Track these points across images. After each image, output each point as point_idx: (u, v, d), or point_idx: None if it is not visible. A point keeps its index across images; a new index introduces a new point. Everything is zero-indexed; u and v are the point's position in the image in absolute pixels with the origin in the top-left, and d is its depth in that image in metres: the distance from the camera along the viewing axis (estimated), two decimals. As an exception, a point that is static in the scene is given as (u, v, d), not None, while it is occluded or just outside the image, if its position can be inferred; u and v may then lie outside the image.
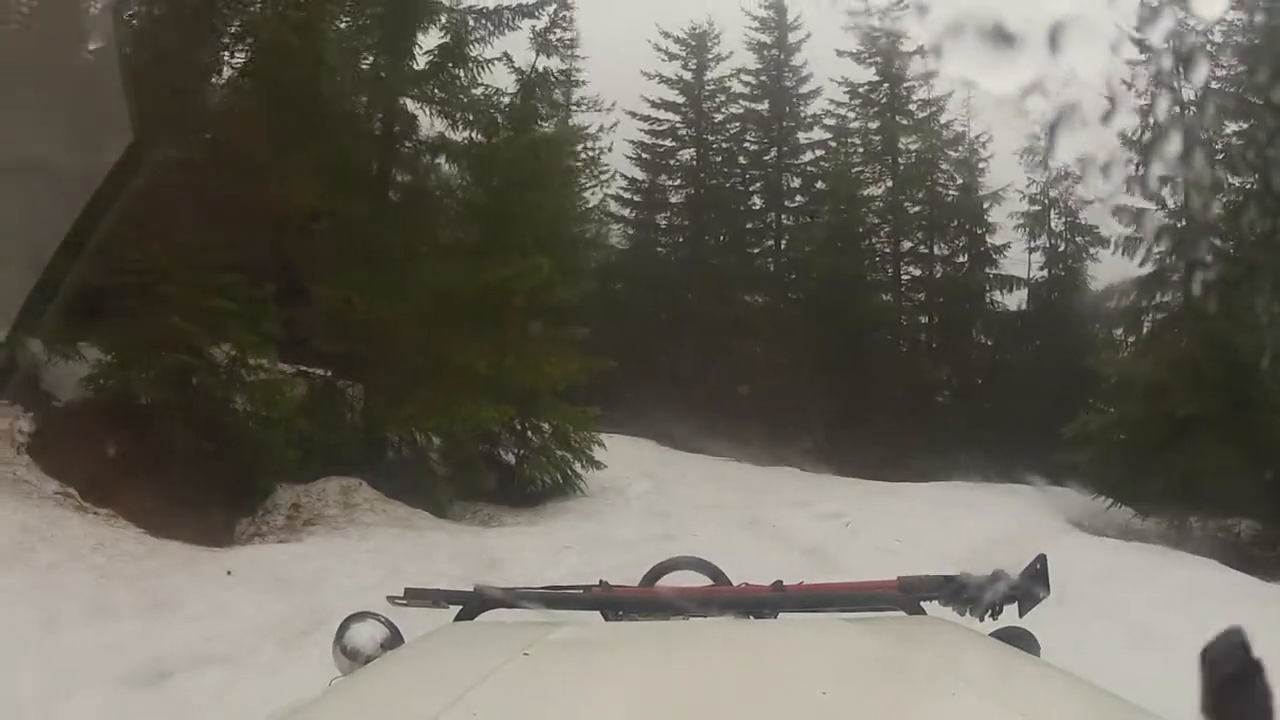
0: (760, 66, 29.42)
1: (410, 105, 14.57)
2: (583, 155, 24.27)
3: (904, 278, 28.13)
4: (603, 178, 27.90)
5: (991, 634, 1.88)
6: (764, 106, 29.63)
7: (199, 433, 11.66)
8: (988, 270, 27.46)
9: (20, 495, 10.13)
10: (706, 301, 26.46)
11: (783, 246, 29.45)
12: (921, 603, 2.06)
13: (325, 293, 12.42)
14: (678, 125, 29.77)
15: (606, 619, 2.20)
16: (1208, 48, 17.54)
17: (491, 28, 15.13)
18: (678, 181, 30.25)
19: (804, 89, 29.11)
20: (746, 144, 30.04)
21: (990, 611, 1.96)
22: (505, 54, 15.45)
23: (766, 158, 29.80)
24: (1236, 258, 15.32)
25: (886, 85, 27.52)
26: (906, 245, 27.98)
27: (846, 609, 2.08)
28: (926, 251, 28.07)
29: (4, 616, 7.09)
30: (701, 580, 2.38)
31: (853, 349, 24.80)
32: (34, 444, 11.37)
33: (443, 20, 14.59)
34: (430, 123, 14.59)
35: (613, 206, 28.49)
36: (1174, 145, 19.67)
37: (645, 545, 10.59)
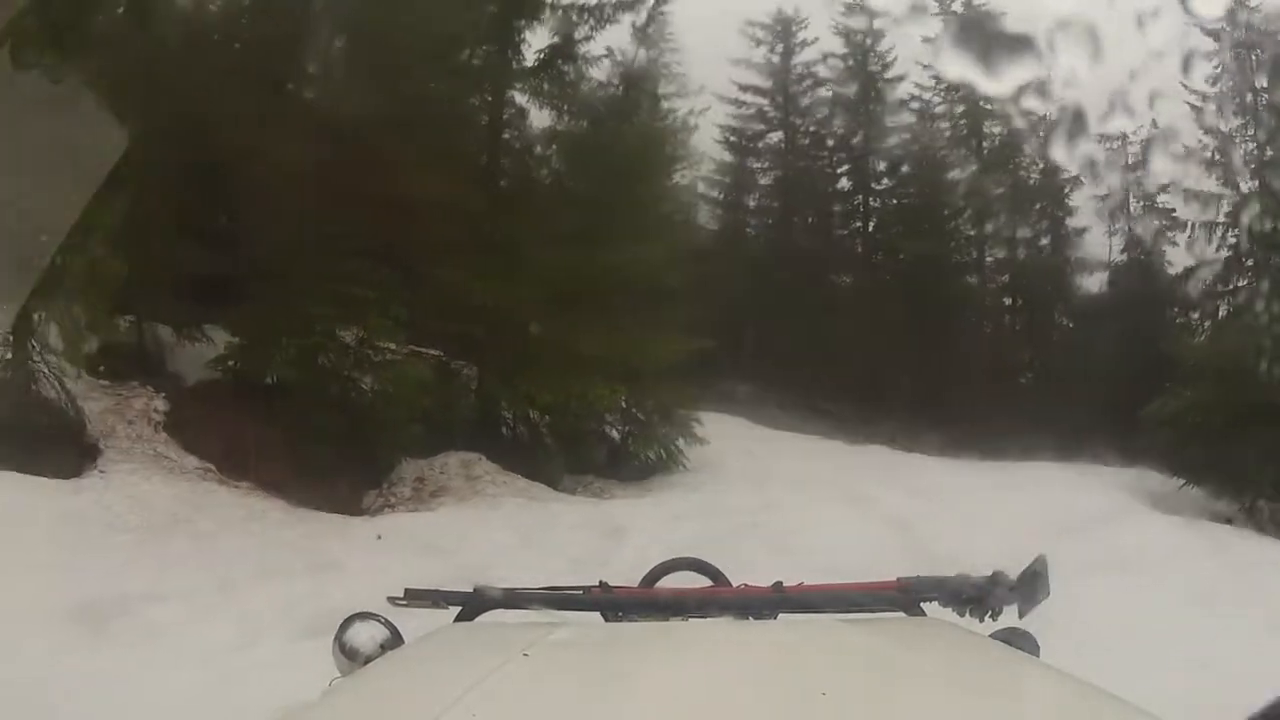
0: (847, 51, 29.67)
1: (520, 99, 15.30)
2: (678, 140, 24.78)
3: (988, 260, 28.36)
4: (693, 161, 28.41)
5: (991, 635, 1.88)
6: (851, 90, 29.89)
7: (326, 410, 12.43)
8: (1068, 253, 27.60)
9: (165, 470, 11.02)
10: (795, 281, 26.86)
11: (870, 229, 29.80)
12: (921, 603, 2.08)
13: (444, 277, 13.10)
14: (766, 109, 30.25)
15: (606, 620, 2.20)
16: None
17: (594, 23, 15.76)
18: (766, 164, 30.75)
19: (889, 74, 29.32)
20: (834, 128, 30.37)
21: (990, 612, 2.00)
22: (609, 48, 16.11)
23: (854, 141, 30.11)
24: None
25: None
26: (989, 228, 28.14)
27: (846, 610, 2.07)
28: (1010, 234, 28.23)
29: (183, 579, 7.93)
30: (701, 581, 2.36)
31: (939, 329, 25.12)
32: (170, 422, 12.18)
33: (549, 17, 15.25)
34: (540, 115, 15.31)
35: (701, 188, 28.95)
36: (1251, 130, 19.74)
37: (749, 514, 11.24)
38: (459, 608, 2.18)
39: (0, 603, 6.59)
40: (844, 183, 30.45)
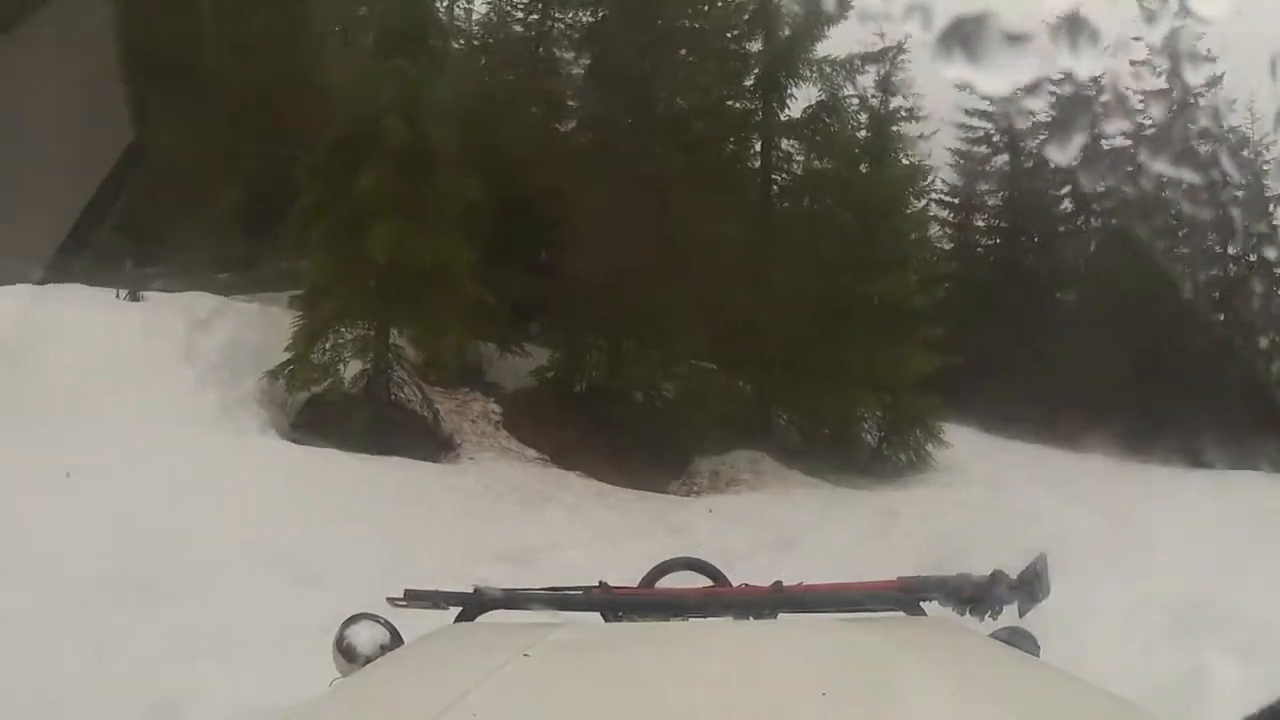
0: (1063, 76, 30.65)
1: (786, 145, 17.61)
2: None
3: (1200, 277, 28.99)
4: (926, 184, 29.98)
5: (991, 634, 1.89)
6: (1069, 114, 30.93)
7: (633, 413, 14.91)
8: (1277, 271, 28.09)
9: (514, 458, 13.69)
10: (1022, 299, 28.12)
11: (1092, 248, 30.81)
12: (921, 603, 2.08)
13: (728, 302, 15.38)
14: (991, 133, 31.61)
15: (606, 620, 2.21)
16: None
17: (845, 74, 17.87)
18: (992, 186, 32.11)
19: (1104, 97, 30.21)
20: (1053, 152, 31.54)
21: (990, 612, 2.00)
22: (859, 98, 18.19)
23: (1074, 163, 31.19)
24: None
25: (1175, 92, 28.51)
26: (1200, 245, 28.79)
27: (846, 609, 2.08)
28: (1220, 251, 28.80)
29: (570, 536, 10.38)
30: (701, 581, 2.35)
31: (1157, 346, 26.03)
32: (505, 421, 14.88)
33: (810, 74, 17.46)
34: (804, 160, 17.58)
35: (933, 209, 30.45)
36: None
37: (993, 507, 12.96)
38: (459, 609, 2.17)
39: (441, 547, 9.10)
40: (1067, 204, 31.50)
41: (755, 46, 17.82)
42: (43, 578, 7.04)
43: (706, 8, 17.47)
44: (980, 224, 32.20)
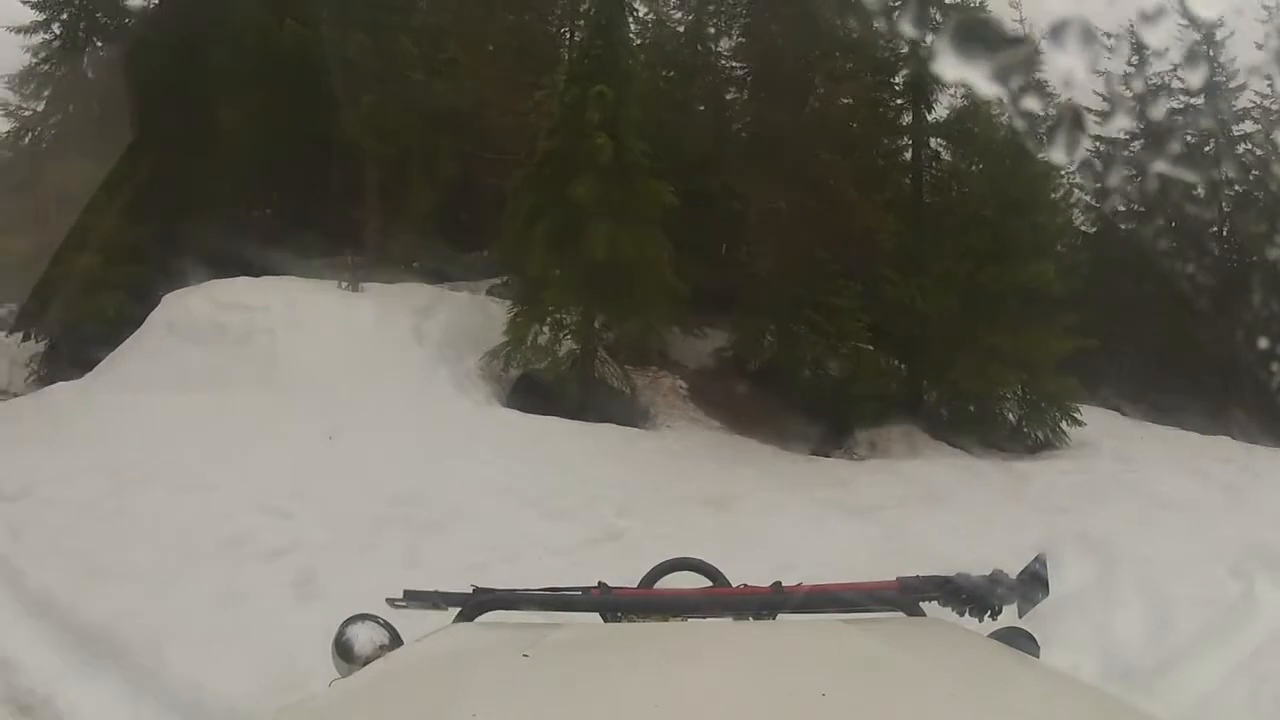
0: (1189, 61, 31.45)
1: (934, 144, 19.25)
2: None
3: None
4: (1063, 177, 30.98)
5: (991, 635, 1.90)
6: (1199, 100, 31.71)
7: (801, 389, 16.76)
8: None
9: (700, 427, 15.83)
10: (1158, 281, 29.06)
11: (1225, 232, 31.60)
12: (921, 604, 2.10)
13: (886, 288, 17.18)
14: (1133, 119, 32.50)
15: (606, 620, 2.21)
16: None
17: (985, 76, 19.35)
18: (1130, 171, 33.05)
19: (1232, 84, 30.91)
20: (1186, 136, 32.29)
21: (989, 612, 2.03)
22: (1001, 100, 19.61)
23: (1206, 149, 31.96)
24: None
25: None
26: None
27: (846, 610, 2.08)
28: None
29: (759, 487, 12.30)
30: (701, 582, 2.37)
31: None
32: (691, 395, 16.91)
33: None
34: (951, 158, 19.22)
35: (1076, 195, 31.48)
36: None
37: (1113, 477, 14.32)
38: (458, 609, 2.17)
39: (654, 493, 11.16)
40: (1199, 189, 32.28)
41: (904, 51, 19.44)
42: (333, 517, 9.01)
43: (858, 18, 19.15)
44: (1120, 208, 33.13)
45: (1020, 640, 1.89)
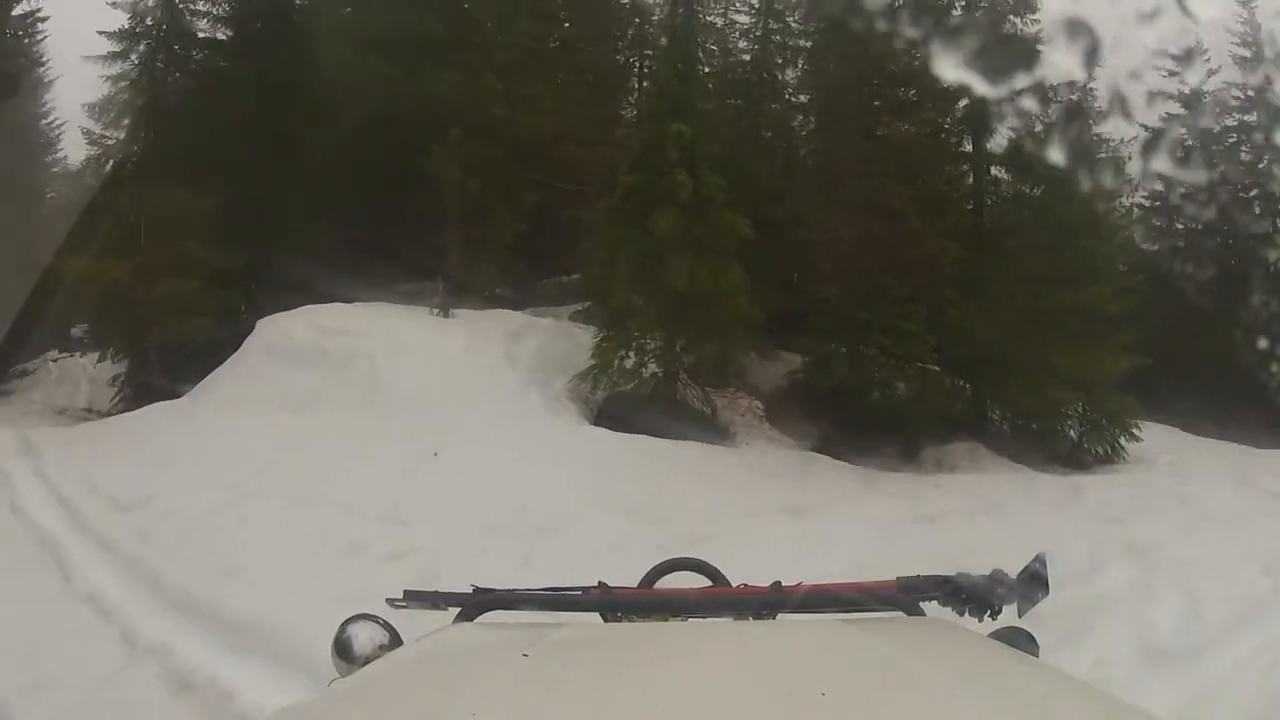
0: (1244, 80, 31.83)
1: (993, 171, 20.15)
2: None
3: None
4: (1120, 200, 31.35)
5: (990, 634, 1.91)
6: (1253, 118, 32.07)
7: (871, 409, 17.73)
8: None
9: (775, 444, 16.90)
10: (1218, 299, 29.45)
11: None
12: (921, 603, 2.10)
13: (949, 312, 18.10)
14: (1184, 135, 32.91)
15: (606, 620, 2.22)
16: None
17: (1042, 105, 20.17)
18: (1188, 189, 33.44)
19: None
20: (1241, 153, 32.66)
21: (989, 612, 2.02)
22: (1055, 124, 20.48)
23: (1260, 166, 32.31)
24: None
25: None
26: None
27: (845, 610, 2.08)
28: None
29: (828, 497, 13.22)
30: (701, 581, 2.37)
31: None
32: (766, 415, 17.96)
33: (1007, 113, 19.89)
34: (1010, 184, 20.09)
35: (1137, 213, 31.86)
36: None
37: (1167, 490, 14.93)
38: (458, 609, 2.18)
39: (738, 502, 12.13)
40: (1256, 206, 32.66)
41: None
42: (446, 524, 9.75)
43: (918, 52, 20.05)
44: (1180, 227, 33.48)
45: (1020, 640, 1.89)
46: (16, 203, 23.77)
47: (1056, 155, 20.81)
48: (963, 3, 20.07)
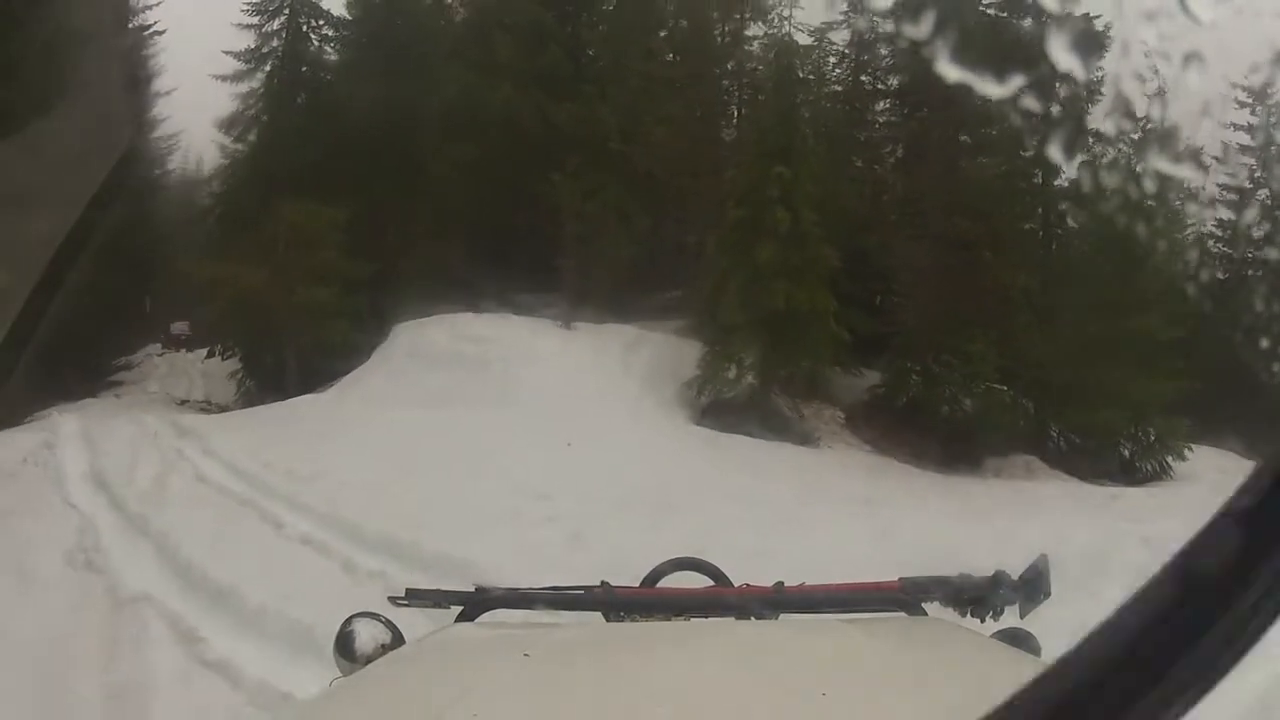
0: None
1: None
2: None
3: None
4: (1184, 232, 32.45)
5: (993, 635, 1.90)
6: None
7: (941, 422, 19.94)
8: None
9: (855, 450, 19.20)
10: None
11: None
12: (922, 604, 2.06)
13: (1017, 337, 20.27)
14: (1254, 167, 34.03)
15: (607, 620, 2.19)
16: None
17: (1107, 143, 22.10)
18: (1260, 218, 34.53)
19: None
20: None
21: (991, 612, 2.00)
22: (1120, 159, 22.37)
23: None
24: None
25: None
26: None
27: (847, 610, 2.06)
28: None
29: (901, 493, 15.41)
30: (702, 581, 2.34)
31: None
32: (847, 424, 20.32)
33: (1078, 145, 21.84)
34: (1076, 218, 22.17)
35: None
36: None
37: (1201, 503, 16.88)
38: (460, 608, 2.15)
39: (825, 492, 14.28)
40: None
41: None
42: (584, 499, 10.96)
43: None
44: (1249, 255, 34.51)
45: (1022, 640, 1.89)
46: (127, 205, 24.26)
47: (1125, 188, 22.45)
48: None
